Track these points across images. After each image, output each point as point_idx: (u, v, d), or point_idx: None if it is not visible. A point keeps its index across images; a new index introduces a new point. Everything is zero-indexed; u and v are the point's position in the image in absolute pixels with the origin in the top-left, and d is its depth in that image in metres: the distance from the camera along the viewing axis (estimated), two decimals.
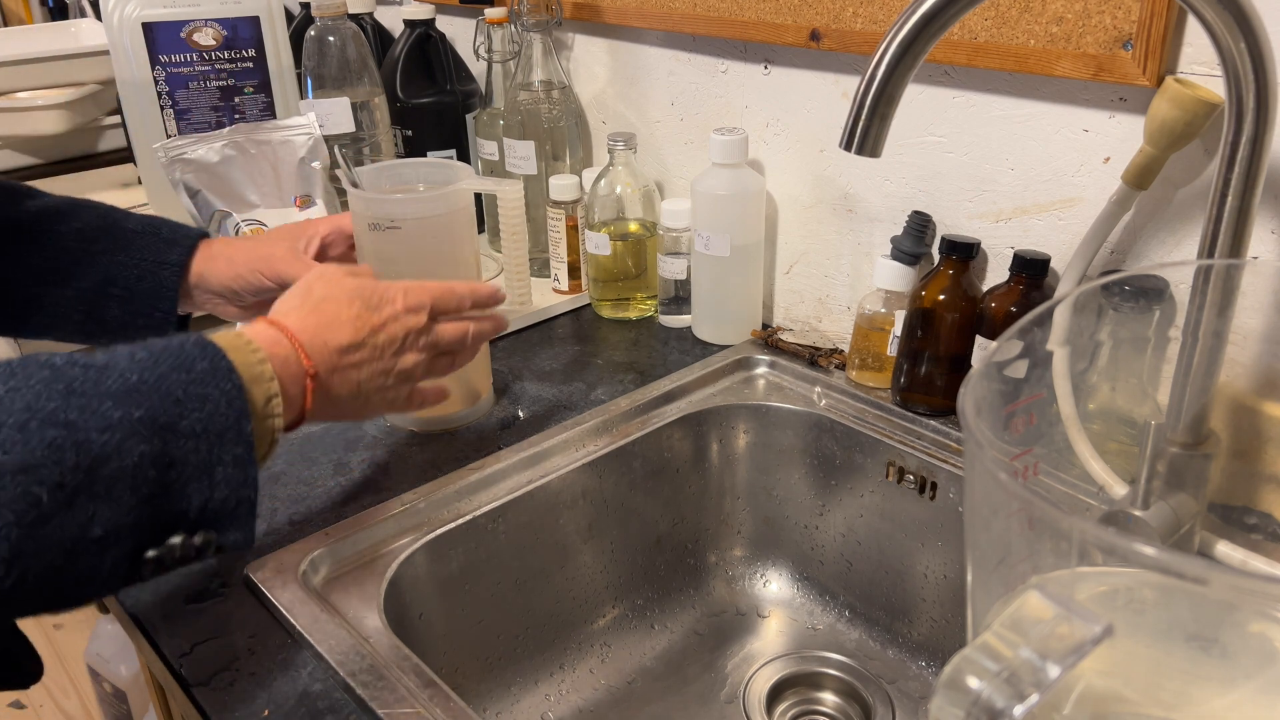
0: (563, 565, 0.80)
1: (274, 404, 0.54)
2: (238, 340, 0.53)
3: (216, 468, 0.49)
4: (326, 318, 0.60)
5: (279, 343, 0.57)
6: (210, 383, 0.50)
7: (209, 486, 0.49)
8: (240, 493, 0.50)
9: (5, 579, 0.42)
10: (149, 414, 0.47)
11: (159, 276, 0.74)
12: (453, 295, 0.67)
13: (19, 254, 0.72)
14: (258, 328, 0.57)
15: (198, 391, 0.49)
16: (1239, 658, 0.42)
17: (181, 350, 0.50)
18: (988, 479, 0.40)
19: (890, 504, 0.80)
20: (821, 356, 0.88)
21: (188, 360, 0.50)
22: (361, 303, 0.62)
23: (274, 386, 0.54)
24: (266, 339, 0.56)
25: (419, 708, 0.54)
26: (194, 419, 0.48)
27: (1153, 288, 0.62)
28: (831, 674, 0.81)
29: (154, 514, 0.48)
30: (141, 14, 0.98)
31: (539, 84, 1.02)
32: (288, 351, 0.57)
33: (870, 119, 0.53)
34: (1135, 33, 0.64)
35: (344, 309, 0.61)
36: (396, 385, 0.64)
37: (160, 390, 0.48)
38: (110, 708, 1.47)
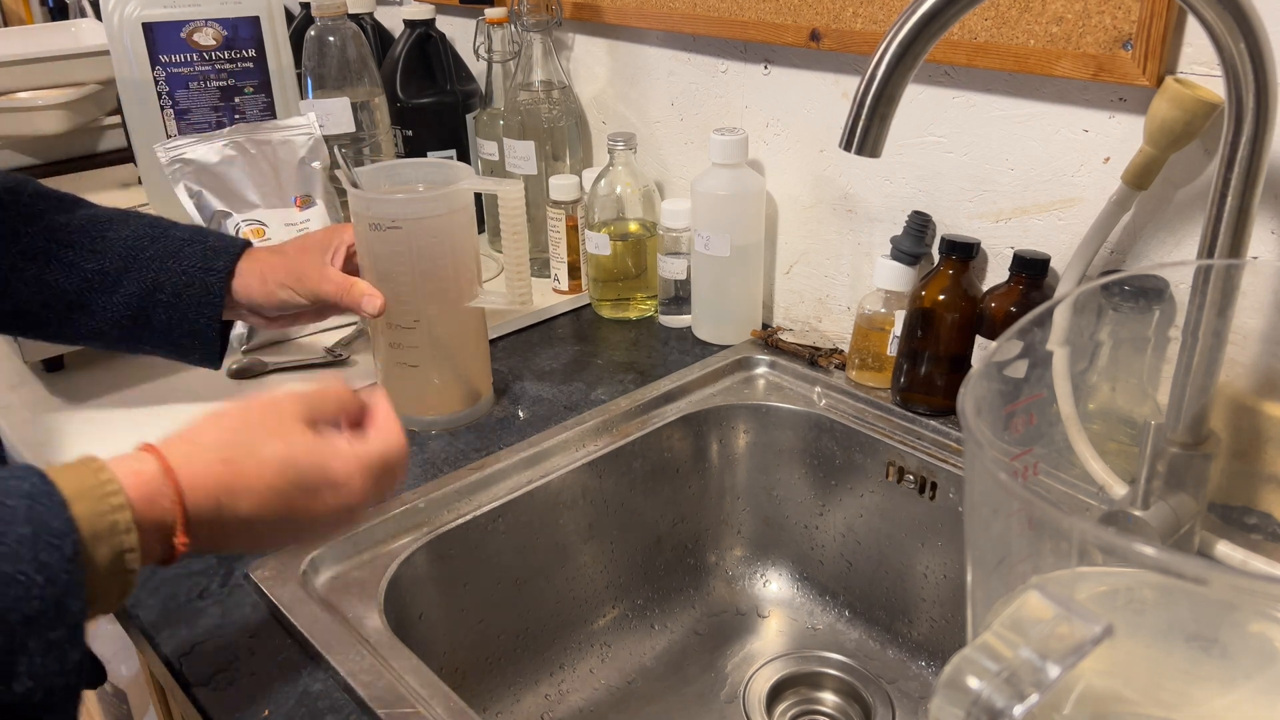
0: (563, 565, 0.80)
1: (128, 559, 0.44)
2: (95, 479, 0.43)
3: (19, 659, 0.40)
4: (239, 481, 0.48)
5: (156, 500, 0.45)
6: (25, 557, 0.40)
7: (4, 680, 0.40)
8: (53, 681, 0.41)
9: None
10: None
11: (206, 284, 0.74)
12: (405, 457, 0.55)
13: (71, 260, 0.73)
14: (141, 467, 0.46)
15: (0, 571, 0.39)
16: (1239, 658, 0.42)
17: (1, 510, 0.40)
18: (988, 479, 0.40)
19: (890, 504, 0.80)
20: (821, 356, 0.88)
21: (1, 527, 0.40)
22: (295, 476, 0.49)
23: (130, 539, 0.43)
24: (141, 487, 0.45)
25: (419, 708, 0.54)
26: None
27: (1153, 288, 0.62)
28: (831, 674, 0.81)
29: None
30: (141, 14, 0.98)
31: (539, 84, 1.02)
32: (164, 513, 0.45)
33: (870, 119, 0.53)
34: (1135, 33, 0.64)
35: (268, 477, 0.48)
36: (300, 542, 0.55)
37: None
38: (110, 708, 1.47)
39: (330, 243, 0.78)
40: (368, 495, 0.52)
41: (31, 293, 0.73)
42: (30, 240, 0.73)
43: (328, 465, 0.50)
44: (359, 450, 0.52)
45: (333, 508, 0.51)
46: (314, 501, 0.50)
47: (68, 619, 0.41)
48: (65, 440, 0.80)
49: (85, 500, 0.42)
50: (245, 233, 0.93)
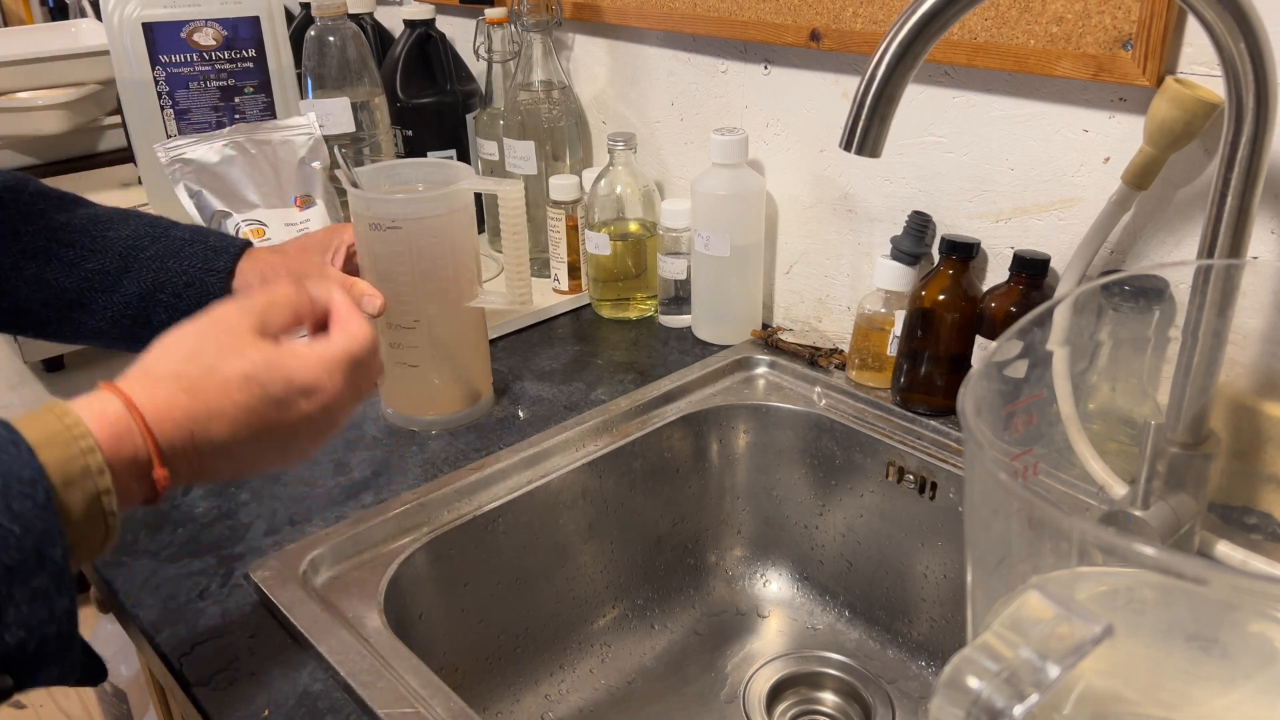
0: (563, 565, 0.80)
1: (105, 501, 0.43)
2: (60, 424, 0.43)
3: (6, 609, 0.40)
4: (205, 406, 0.46)
5: (125, 436, 0.44)
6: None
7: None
8: (44, 630, 0.41)
9: None
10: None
11: (206, 284, 0.74)
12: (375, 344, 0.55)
13: (71, 259, 0.73)
14: (104, 406, 0.45)
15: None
16: (1239, 658, 0.42)
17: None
18: (988, 479, 0.40)
19: (890, 504, 0.80)
20: (821, 356, 0.88)
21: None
22: (260, 391, 0.48)
23: (104, 481, 0.43)
24: (106, 425, 0.44)
25: (419, 708, 0.54)
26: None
27: (1153, 288, 0.62)
28: (831, 674, 0.81)
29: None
30: (141, 14, 0.98)
31: (539, 84, 1.02)
32: (135, 449, 0.44)
33: (870, 119, 0.53)
34: (1135, 33, 0.64)
35: (233, 394, 0.47)
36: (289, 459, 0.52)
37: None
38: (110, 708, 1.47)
39: (330, 242, 0.78)
40: (343, 394, 0.51)
41: (31, 291, 0.73)
42: (30, 239, 0.73)
43: (292, 372, 0.49)
44: (321, 351, 0.51)
45: (309, 414, 0.49)
46: (288, 412, 0.49)
47: (49, 566, 0.40)
48: None
49: (53, 446, 0.42)
50: (245, 233, 0.93)
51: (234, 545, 0.68)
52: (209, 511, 0.72)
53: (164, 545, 0.68)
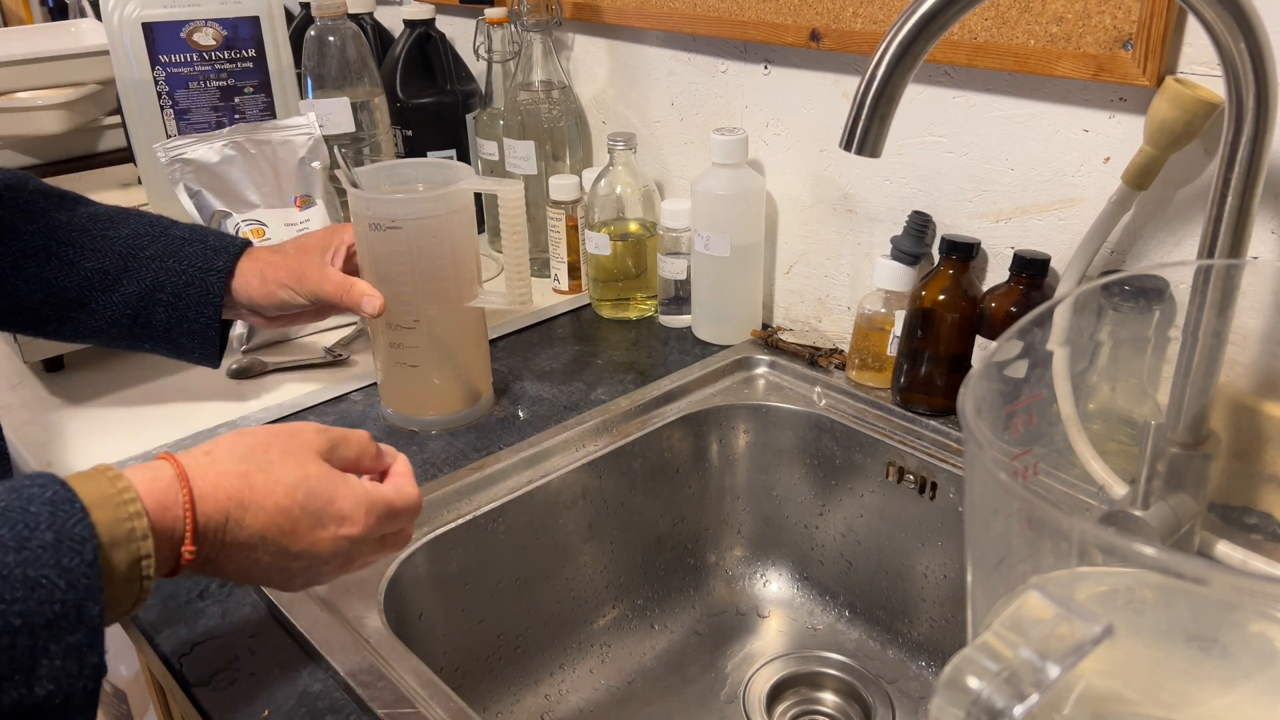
0: (563, 565, 0.80)
1: (144, 565, 0.44)
2: (112, 488, 0.44)
3: (40, 661, 0.40)
4: (251, 496, 0.48)
5: (170, 507, 0.46)
6: (47, 562, 0.41)
7: (26, 684, 0.40)
8: (73, 685, 0.42)
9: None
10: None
11: (205, 283, 0.74)
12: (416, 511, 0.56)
13: (71, 258, 0.73)
14: (157, 475, 0.46)
15: (25, 575, 0.40)
16: (1239, 658, 0.42)
17: (23, 515, 0.41)
18: (988, 479, 0.40)
19: (890, 504, 0.80)
20: (821, 356, 0.88)
21: (25, 533, 0.41)
22: (305, 501, 0.50)
23: (147, 546, 0.44)
24: (156, 495, 0.46)
25: (419, 708, 0.54)
26: (12, 613, 0.40)
27: (1153, 288, 0.62)
28: (831, 674, 0.81)
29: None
30: (141, 14, 0.98)
31: (539, 84, 1.02)
32: (175, 521, 0.46)
33: (870, 119, 0.53)
34: (1135, 33, 0.64)
35: (279, 497, 0.49)
36: (298, 584, 0.53)
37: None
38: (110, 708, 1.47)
39: (330, 243, 0.78)
40: (368, 536, 0.52)
41: (31, 290, 0.73)
42: (30, 238, 0.73)
43: (336, 495, 0.51)
44: (369, 489, 0.52)
45: (334, 542, 0.51)
46: (317, 532, 0.50)
47: (87, 622, 0.42)
48: (65, 440, 0.80)
49: (104, 508, 0.43)
50: (245, 233, 0.92)
51: None
52: None
53: None
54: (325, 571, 0.52)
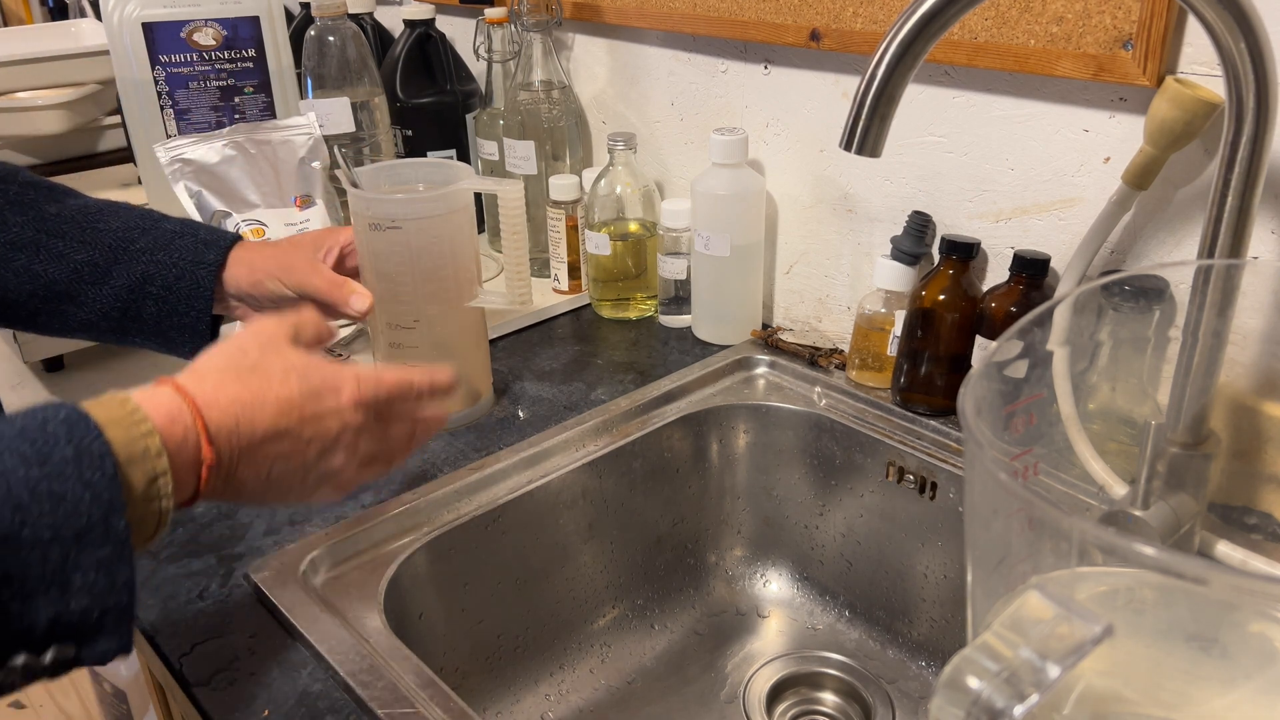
0: (563, 565, 0.80)
1: (160, 484, 0.45)
2: (122, 410, 0.46)
3: (73, 574, 0.42)
4: (250, 394, 0.50)
5: (177, 418, 0.47)
6: (70, 476, 0.42)
7: (61, 598, 0.42)
8: (107, 599, 0.43)
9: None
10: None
11: (196, 276, 0.74)
12: (410, 390, 0.57)
13: (60, 250, 0.72)
14: (158, 393, 0.48)
15: (50, 489, 0.41)
16: (1239, 658, 0.42)
17: (41, 434, 0.43)
18: (988, 479, 0.40)
19: (890, 504, 0.80)
20: (821, 356, 0.88)
21: (46, 448, 0.42)
22: (299, 383, 0.52)
23: (161, 464, 0.45)
24: (162, 411, 0.47)
25: (419, 708, 0.54)
26: (41, 525, 0.41)
27: (1153, 288, 0.62)
28: (831, 674, 0.81)
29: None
30: (141, 14, 0.98)
31: (539, 84, 1.02)
32: (186, 430, 0.47)
33: (870, 119, 0.53)
34: (1135, 33, 0.64)
35: (275, 386, 0.51)
36: (313, 486, 0.54)
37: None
38: (110, 708, 1.47)
39: (324, 242, 0.78)
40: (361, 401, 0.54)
41: (20, 283, 0.73)
42: (19, 230, 0.72)
43: (321, 369, 0.53)
44: (353, 367, 0.55)
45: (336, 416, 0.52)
46: (319, 406, 0.52)
47: (114, 536, 0.43)
48: None
49: (117, 427, 0.44)
50: (245, 232, 0.92)
51: (234, 545, 0.68)
52: (209, 511, 0.72)
53: (164, 545, 0.68)
54: (340, 465, 0.54)
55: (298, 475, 0.52)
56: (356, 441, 0.54)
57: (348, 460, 0.54)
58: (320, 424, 0.52)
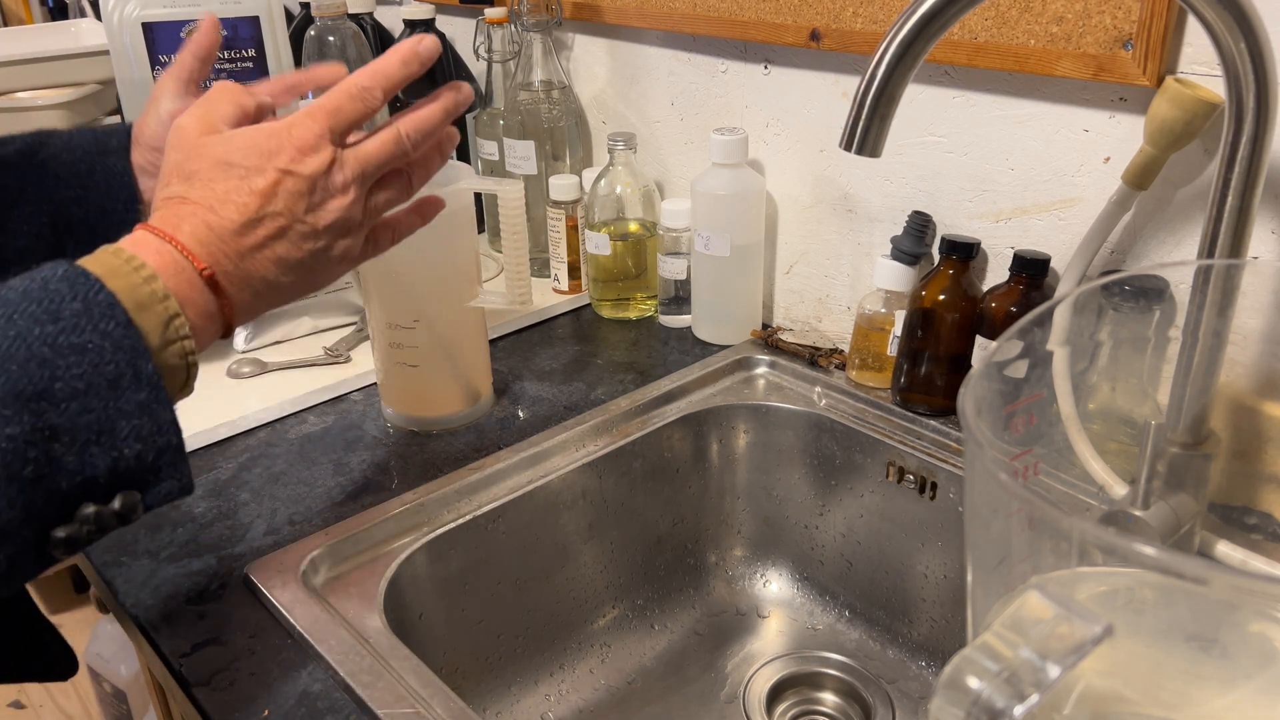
0: (563, 565, 0.80)
1: (176, 325, 0.46)
2: (115, 260, 0.45)
3: (119, 421, 0.43)
4: (205, 199, 0.49)
5: (162, 250, 0.47)
6: (86, 327, 0.42)
7: (113, 445, 0.43)
8: (157, 440, 0.44)
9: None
10: (8, 388, 0.40)
11: (107, 165, 0.67)
12: (349, 98, 0.52)
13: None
14: (137, 236, 0.48)
15: (70, 342, 0.42)
16: (1239, 658, 0.42)
17: (45, 292, 0.43)
18: (988, 479, 0.40)
19: (890, 504, 0.80)
20: (821, 356, 0.88)
21: (53, 305, 0.42)
22: (240, 165, 0.49)
23: (171, 305, 0.45)
24: (150, 248, 0.47)
25: (419, 708, 0.54)
26: (71, 377, 0.42)
27: (1153, 288, 0.62)
28: (831, 674, 0.81)
29: (48, 494, 0.42)
30: (141, 14, 0.98)
31: (539, 84, 1.02)
32: (175, 257, 0.47)
33: (870, 119, 0.53)
34: (1135, 33, 0.64)
35: (220, 181, 0.49)
36: (333, 242, 0.52)
37: (19, 355, 0.41)
38: (110, 708, 1.47)
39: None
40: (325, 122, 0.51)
41: None
42: None
43: (262, 136, 0.50)
44: (293, 117, 0.51)
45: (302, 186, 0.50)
46: (271, 174, 0.49)
47: (146, 379, 0.43)
48: None
49: (117, 278, 0.44)
50: None
51: (234, 545, 0.68)
52: (209, 511, 0.72)
53: (164, 545, 0.68)
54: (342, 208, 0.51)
55: (308, 242, 0.51)
56: (336, 178, 0.51)
57: (345, 200, 0.51)
58: (282, 188, 0.50)
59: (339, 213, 0.51)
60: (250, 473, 0.76)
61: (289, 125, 0.50)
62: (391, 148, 0.54)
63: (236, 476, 0.76)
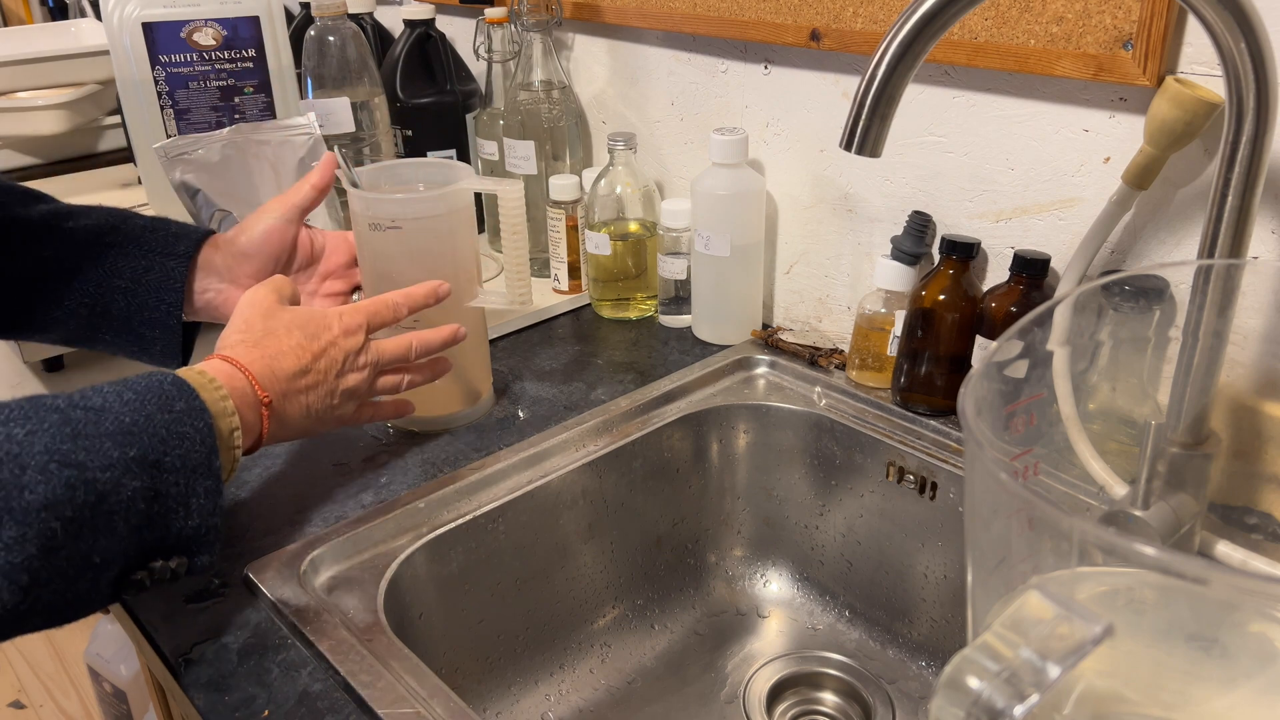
0: (563, 565, 0.80)
1: (236, 435, 0.59)
2: (202, 378, 0.58)
3: (191, 499, 0.55)
4: (272, 350, 0.64)
5: (235, 377, 0.61)
6: (187, 421, 0.55)
7: (185, 516, 0.55)
8: (210, 520, 0.56)
9: (23, 602, 0.48)
10: (141, 452, 0.53)
11: (166, 267, 0.73)
12: (386, 308, 0.70)
13: (29, 251, 0.72)
14: (215, 364, 0.61)
15: (178, 430, 0.55)
16: (1239, 658, 0.42)
17: (161, 390, 0.55)
18: (988, 479, 0.40)
19: (890, 504, 0.80)
20: (821, 356, 0.88)
21: (168, 400, 0.55)
22: (300, 332, 0.65)
23: (235, 420, 0.59)
24: (225, 374, 0.60)
25: (419, 708, 0.54)
26: (175, 455, 0.54)
27: (1153, 288, 0.62)
28: (831, 674, 0.81)
29: (140, 542, 0.53)
30: (141, 14, 0.98)
31: (539, 84, 1.02)
32: (244, 385, 0.61)
33: (870, 119, 0.53)
34: (1135, 33, 0.64)
35: (284, 340, 0.65)
36: (343, 403, 0.68)
37: (149, 430, 0.53)
38: (110, 708, 1.48)
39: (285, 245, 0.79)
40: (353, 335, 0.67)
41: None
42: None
43: (315, 314, 0.67)
44: (343, 308, 0.69)
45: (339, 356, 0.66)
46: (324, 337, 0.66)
47: (214, 471, 0.56)
48: None
49: (204, 391, 0.58)
50: None
51: (234, 545, 0.68)
52: None
53: None
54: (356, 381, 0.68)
55: (328, 399, 0.66)
56: (359, 359, 0.67)
57: (360, 376, 0.68)
58: (326, 355, 0.66)
59: (355, 383, 0.68)
60: (250, 473, 0.76)
61: (339, 313, 0.67)
62: (402, 350, 0.71)
63: (237, 476, 0.76)
